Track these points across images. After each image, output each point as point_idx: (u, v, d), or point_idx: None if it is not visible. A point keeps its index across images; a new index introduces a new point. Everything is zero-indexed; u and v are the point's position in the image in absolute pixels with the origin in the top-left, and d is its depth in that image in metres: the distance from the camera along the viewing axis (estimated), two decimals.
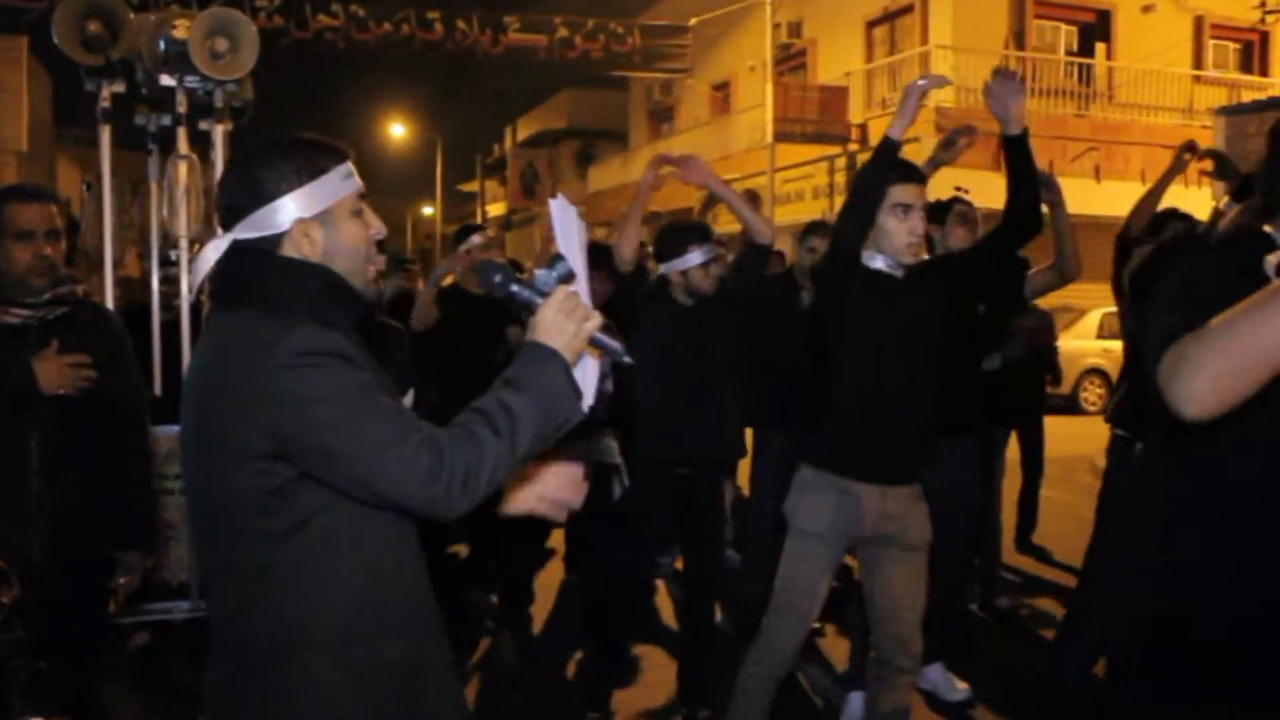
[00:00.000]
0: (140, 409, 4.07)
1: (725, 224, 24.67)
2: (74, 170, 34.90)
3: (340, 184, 2.21)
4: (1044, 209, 4.70)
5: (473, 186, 48.21)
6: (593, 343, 2.21)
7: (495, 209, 45.40)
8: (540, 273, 2.24)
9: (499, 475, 2.04)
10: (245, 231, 2.16)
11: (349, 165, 2.25)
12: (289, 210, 2.15)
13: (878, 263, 3.96)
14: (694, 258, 4.90)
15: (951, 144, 5.04)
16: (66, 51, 5.38)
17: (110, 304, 5.54)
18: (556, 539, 7.24)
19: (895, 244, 3.92)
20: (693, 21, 24.17)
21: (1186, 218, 5.92)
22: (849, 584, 5.61)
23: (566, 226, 2.28)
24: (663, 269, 5.04)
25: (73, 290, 3.78)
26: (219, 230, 4.78)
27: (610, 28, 23.15)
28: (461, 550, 6.73)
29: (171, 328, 5.73)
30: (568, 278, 2.21)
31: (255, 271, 2.15)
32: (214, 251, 2.17)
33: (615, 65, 24.85)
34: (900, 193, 3.91)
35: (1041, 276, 5.72)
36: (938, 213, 5.50)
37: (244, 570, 2.12)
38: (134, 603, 5.17)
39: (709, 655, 5.18)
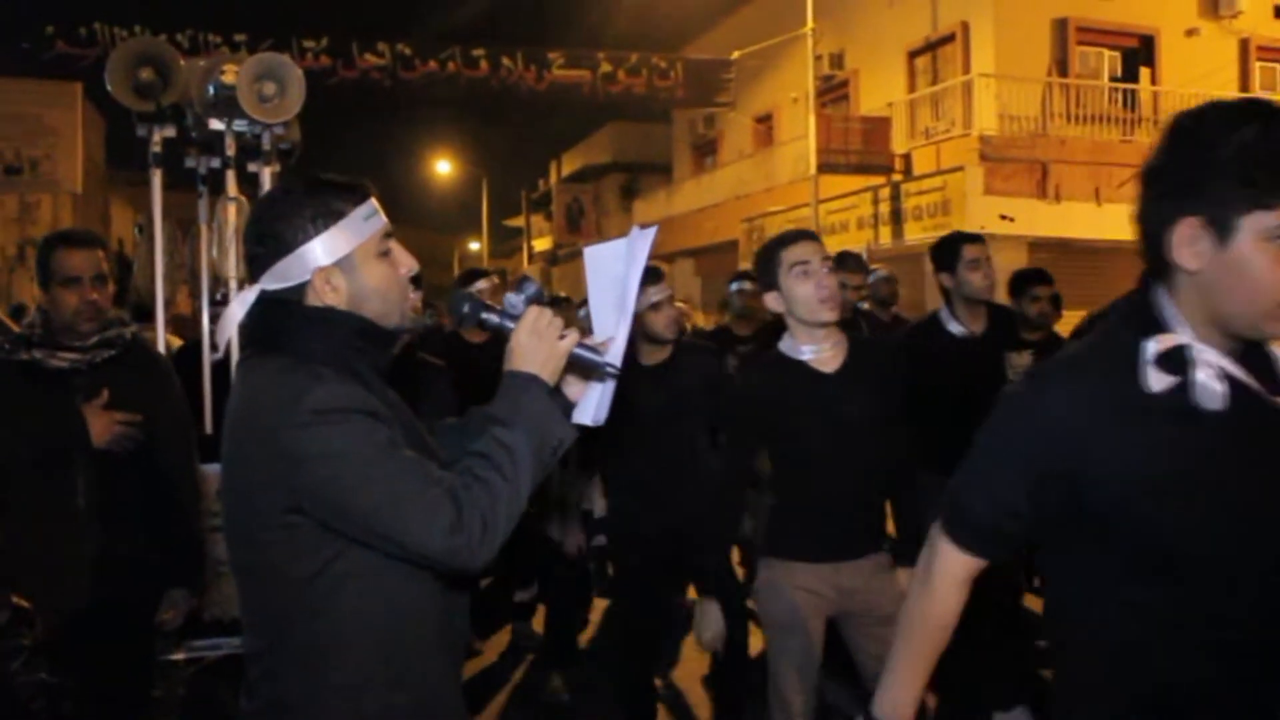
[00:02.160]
0: (188, 450, 4.14)
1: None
2: (127, 210, 35.50)
3: (362, 225, 2.18)
4: None
5: (519, 221, 48.45)
6: (573, 359, 2.21)
7: (541, 244, 45.59)
8: (509, 296, 2.26)
9: (513, 517, 2.05)
10: (270, 282, 2.16)
11: (371, 204, 2.22)
12: (309, 259, 2.13)
13: (803, 354, 3.82)
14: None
15: None
16: (119, 98, 5.50)
17: (162, 345, 5.64)
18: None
19: (808, 304, 3.75)
20: (735, 55, 24.25)
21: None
22: None
23: (610, 271, 2.31)
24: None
25: (120, 333, 3.85)
26: None
27: (653, 62, 23.27)
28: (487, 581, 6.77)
29: (223, 365, 5.82)
30: (537, 298, 2.23)
31: (281, 322, 2.15)
32: (240, 305, 2.18)
33: (658, 100, 24.95)
34: (793, 253, 3.76)
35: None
36: (945, 257, 5.42)
37: (269, 612, 2.16)
38: (183, 639, 5.26)
39: (743, 687, 5.17)
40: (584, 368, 2.27)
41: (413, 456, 2.05)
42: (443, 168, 46.88)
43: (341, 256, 2.15)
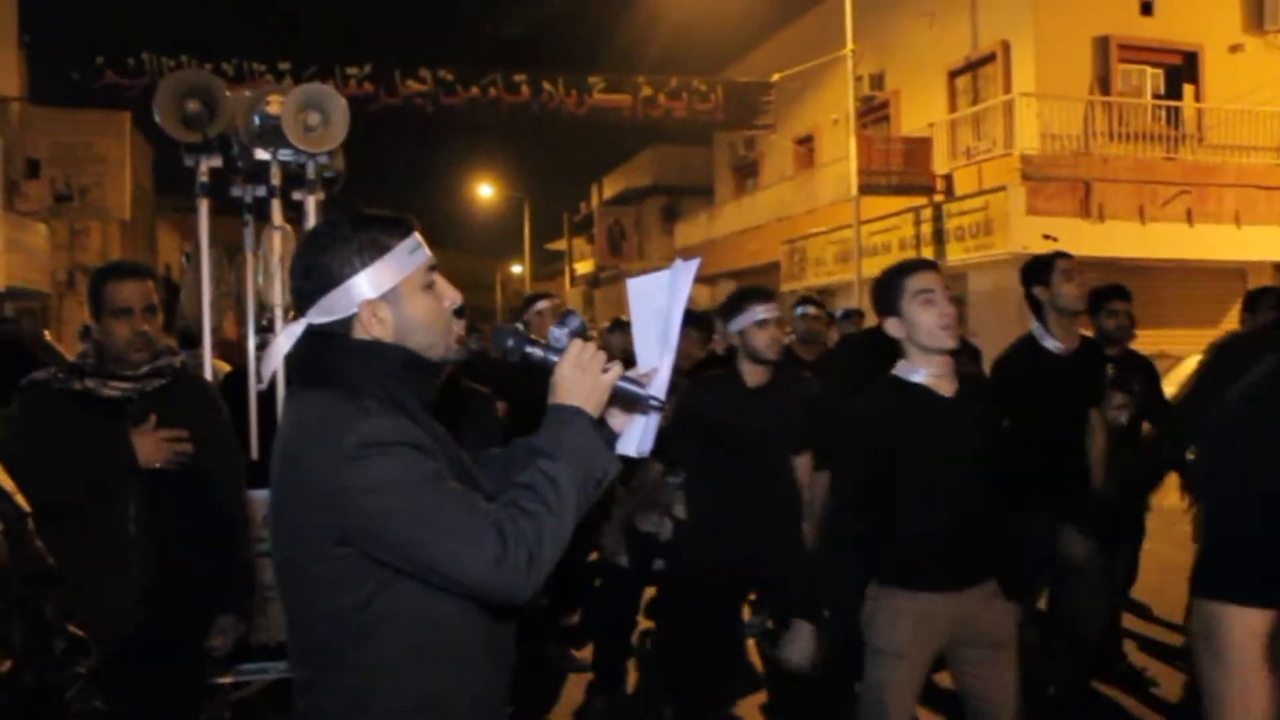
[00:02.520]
0: (236, 477, 4.19)
1: (816, 277, 24.68)
2: (174, 236, 35.97)
3: (406, 259, 2.20)
4: None
5: (561, 245, 48.71)
6: (617, 391, 2.23)
7: (583, 266, 45.77)
8: (553, 330, 2.28)
9: (558, 548, 2.06)
10: (317, 316, 2.17)
11: (415, 238, 2.23)
12: (356, 292, 2.15)
13: (918, 376, 3.83)
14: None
15: None
16: (167, 129, 5.58)
17: (209, 371, 5.71)
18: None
19: (930, 331, 3.77)
20: (775, 77, 24.29)
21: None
22: None
23: (653, 303, 2.33)
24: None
25: (170, 363, 3.91)
26: None
27: (693, 85, 23.36)
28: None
29: (270, 392, 5.88)
30: (580, 331, 2.25)
31: (327, 355, 2.17)
32: (287, 339, 2.21)
33: (699, 122, 25.04)
34: (916, 281, 3.79)
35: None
36: (1039, 270, 5.40)
37: (316, 641, 2.17)
38: (231, 663, 5.31)
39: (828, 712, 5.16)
40: (628, 400, 2.29)
41: (458, 489, 2.07)
42: (485, 191, 47.21)
43: (387, 289, 2.17)
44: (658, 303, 2.33)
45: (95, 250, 26.98)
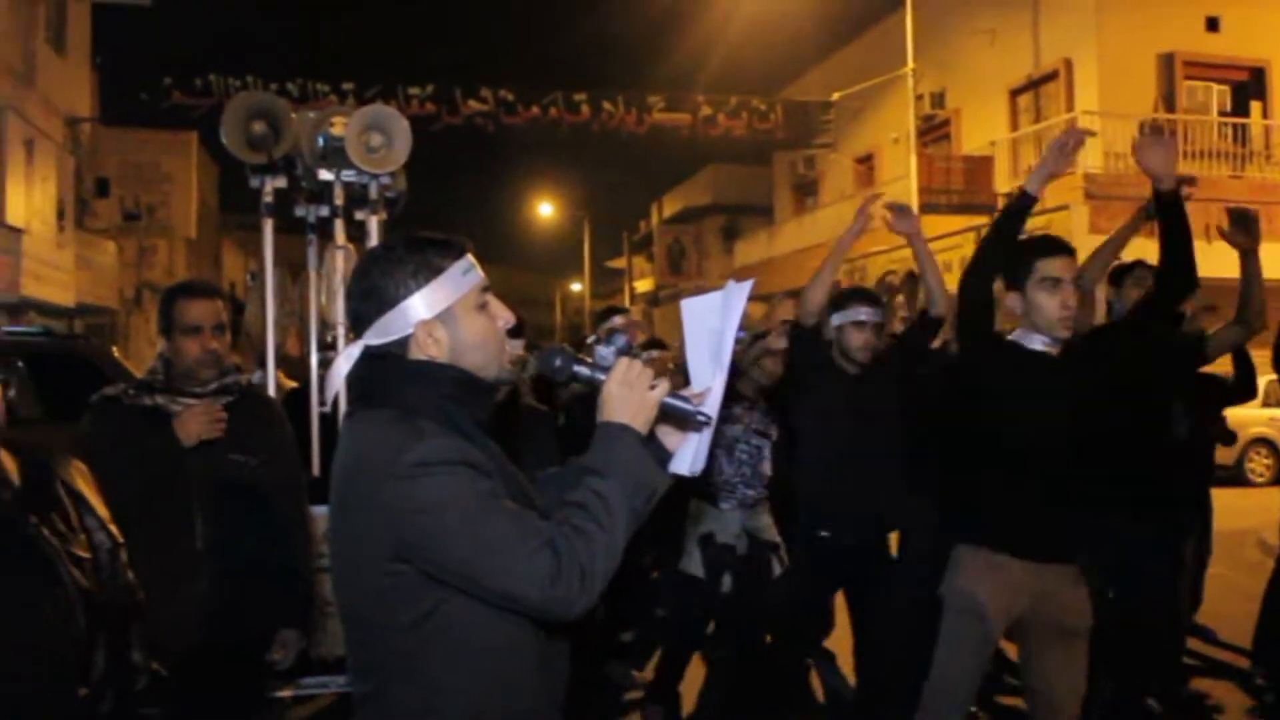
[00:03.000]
0: (299, 493, 4.26)
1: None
2: (238, 254, 36.50)
3: (460, 280, 2.23)
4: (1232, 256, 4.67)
5: (620, 263, 48.79)
6: (665, 408, 2.25)
7: (643, 285, 45.83)
8: (600, 349, 2.31)
9: (610, 565, 2.08)
10: (374, 337, 2.21)
11: (468, 260, 2.27)
12: (411, 313, 2.18)
13: (1034, 343, 3.91)
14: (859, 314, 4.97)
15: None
16: (233, 151, 5.69)
17: (272, 387, 5.81)
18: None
19: (1048, 318, 3.85)
20: (835, 96, 24.27)
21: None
22: None
23: (706, 323, 2.36)
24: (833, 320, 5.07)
25: (237, 380, 4.00)
26: None
27: (753, 104, 23.40)
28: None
29: (331, 410, 5.98)
30: (626, 350, 2.28)
31: (385, 376, 2.21)
32: (346, 360, 2.25)
33: (759, 142, 25.08)
34: (1048, 266, 3.86)
35: (1225, 333, 5.58)
36: (1118, 277, 5.50)
37: (374, 656, 2.21)
38: (291, 677, 5.38)
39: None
40: (677, 417, 2.31)
41: (513, 508, 2.10)
42: (545, 210, 47.43)
43: (442, 310, 2.21)
44: (711, 323, 2.36)
45: (162, 267, 27.43)
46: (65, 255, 19.93)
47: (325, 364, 6.29)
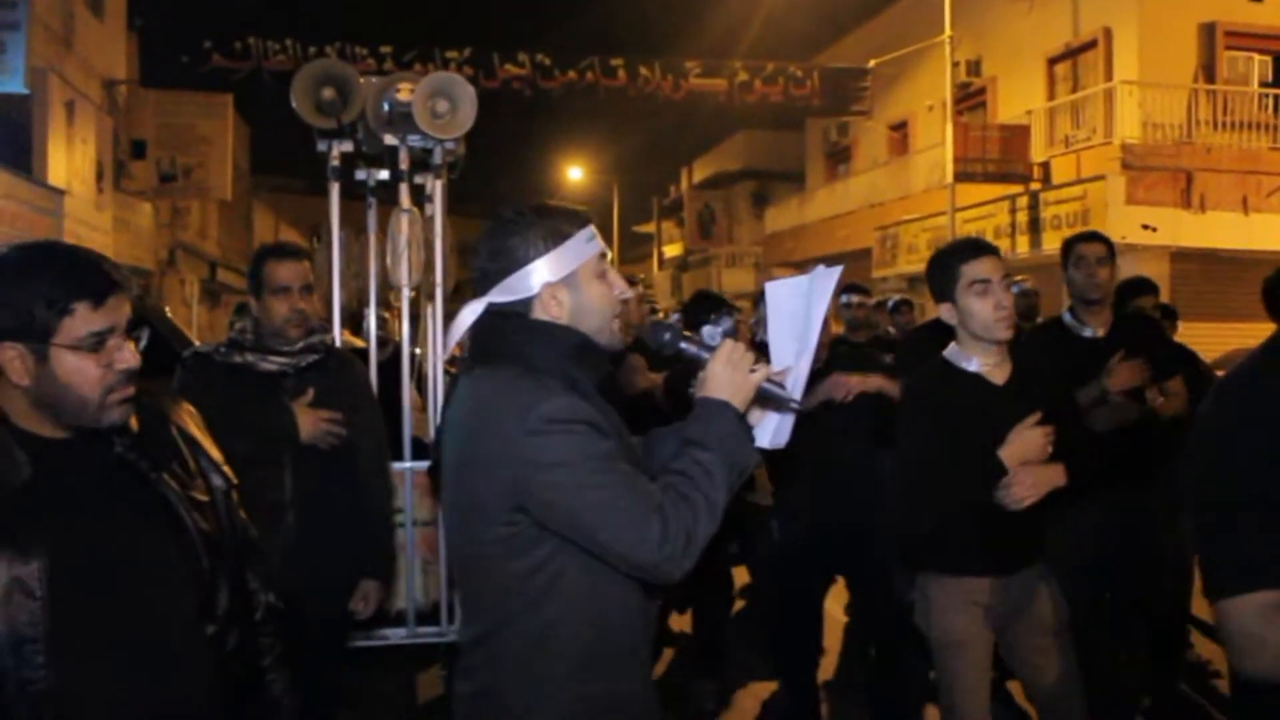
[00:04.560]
0: (381, 449, 4.41)
1: (908, 264, 24.58)
2: (269, 215, 36.67)
3: (584, 247, 2.36)
4: None
5: (649, 228, 48.76)
6: (760, 390, 2.37)
7: (672, 250, 45.82)
8: (706, 329, 2.44)
9: (710, 532, 2.21)
10: (498, 295, 2.35)
11: (591, 229, 2.40)
12: (537, 275, 2.32)
13: (971, 364, 3.80)
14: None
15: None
16: (303, 116, 5.81)
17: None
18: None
19: (984, 322, 3.72)
20: (872, 63, 24.16)
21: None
22: None
23: (790, 306, 2.47)
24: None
25: (323, 339, 4.14)
26: (438, 279, 5.11)
27: (789, 71, 23.29)
28: None
29: (387, 366, 6.13)
30: (731, 332, 2.40)
31: (509, 334, 2.34)
32: (470, 314, 2.38)
33: (794, 108, 24.97)
34: (974, 269, 3.71)
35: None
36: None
37: (487, 603, 2.35)
38: (357, 629, 5.54)
39: (902, 691, 5.28)
40: (768, 399, 2.44)
41: (629, 470, 2.23)
42: (575, 174, 47.39)
43: (566, 274, 2.34)
44: (794, 307, 2.48)
45: (195, 229, 27.63)
46: (104, 217, 20.12)
47: (383, 325, 6.47)
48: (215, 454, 2.49)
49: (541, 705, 2.29)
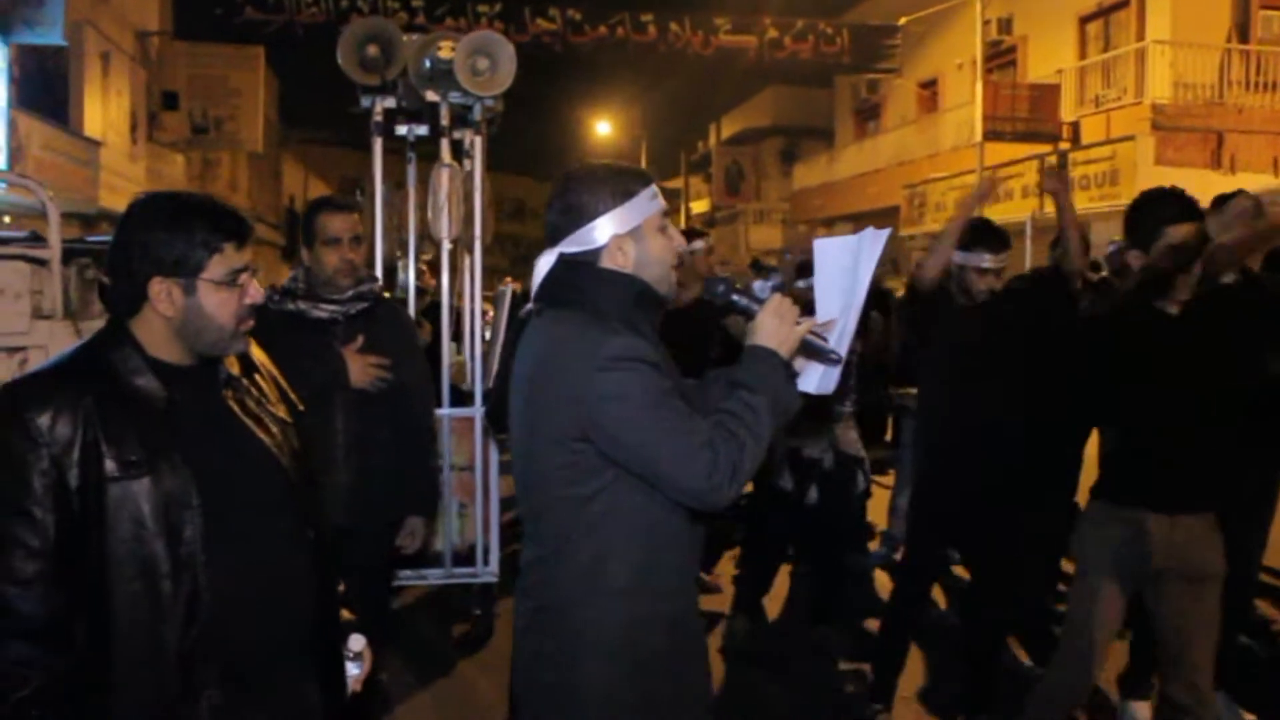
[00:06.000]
0: (427, 394, 4.63)
1: (935, 222, 24.58)
2: (298, 168, 36.85)
3: (648, 204, 2.57)
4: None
5: (677, 183, 48.69)
6: (805, 342, 2.57)
7: (699, 206, 45.82)
8: (757, 284, 2.67)
9: (755, 466, 2.42)
10: (569, 246, 2.55)
11: (654, 188, 2.61)
12: (606, 228, 2.52)
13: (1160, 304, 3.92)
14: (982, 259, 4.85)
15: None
16: (348, 73, 5.97)
17: None
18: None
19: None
20: (902, 20, 24.09)
21: None
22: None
23: (838, 263, 2.65)
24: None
25: (371, 289, 4.34)
26: (476, 233, 5.31)
27: (820, 28, 23.24)
28: None
29: (425, 316, 6.32)
30: (779, 287, 2.59)
31: (580, 280, 2.54)
32: (545, 263, 2.58)
33: (824, 65, 24.94)
34: (1176, 232, 3.87)
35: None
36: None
37: (550, 526, 2.55)
38: (395, 567, 5.76)
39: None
40: (811, 350, 2.64)
41: (683, 406, 2.43)
42: (603, 129, 47.31)
43: (632, 227, 2.55)
44: (843, 262, 2.66)
45: (224, 180, 27.84)
46: (138, 168, 20.38)
47: (420, 275, 6.65)
48: (284, 384, 2.72)
49: (597, 621, 2.49)
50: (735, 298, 2.63)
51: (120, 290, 2.35)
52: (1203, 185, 19.32)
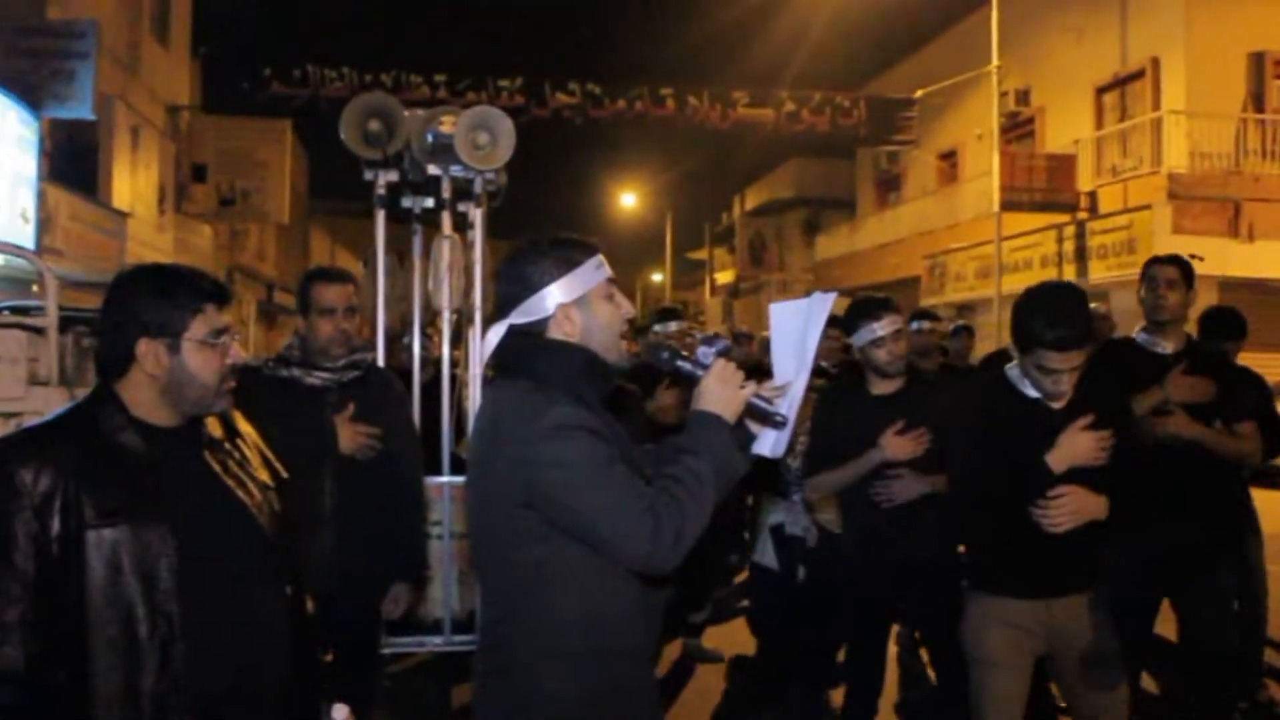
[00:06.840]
0: (416, 463, 4.70)
1: (956, 292, 24.66)
2: (325, 237, 37.25)
3: (593, 273, 2.65)
4: None
5: (702, 254, 49.03)
6: (750, 405, 2.64)
7: (724, 276, 46.06)
8: (701, 349, 2.71)
9: (699, 530, 2.47)
10: (518, 317, 2.63)
11: (599, 257, 2.69)
12: (553, 297, 2.60)
13: (1029, 390, 3.86)
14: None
15: None
16: (351, 147, 6.12)
17: (382, 363, 6.22)
18: None
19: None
20: (919, 93, 24.27)
21: None
22: None
23: (792, 326, 2.72)
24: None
25: (364, 357, 4.45)
26: (476, 303, 5.43)
27: (836, 101, 23.45)
28: None
29: (429, 386, 6.41)
30: (724, 351, 2.66)
31: (526, 350, 2.62)
32: (495, 334, 2.66)
33: (841, 138, 25.15)
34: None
35: None
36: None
37: (501, 589, 2.63)
38: (394, 634, 5.81)
39: None
40: (759, 414, 2.70)
41: (625, 472, 2.49)
42: (628, 200, 47.72)
43: (577, 296, 2.62)
44: (795, 325, 2.74)
45: (252, 251, 28.21)
46: (165, 238, 20.65)
47: (425, 345, 6.75)
48: (267, 451, 2.83)
49: (547, 684, 2.54)
50: (679, 364, 2.68)
51: (110, 353, 2.51)
52: (1221, 253, 19.36)
